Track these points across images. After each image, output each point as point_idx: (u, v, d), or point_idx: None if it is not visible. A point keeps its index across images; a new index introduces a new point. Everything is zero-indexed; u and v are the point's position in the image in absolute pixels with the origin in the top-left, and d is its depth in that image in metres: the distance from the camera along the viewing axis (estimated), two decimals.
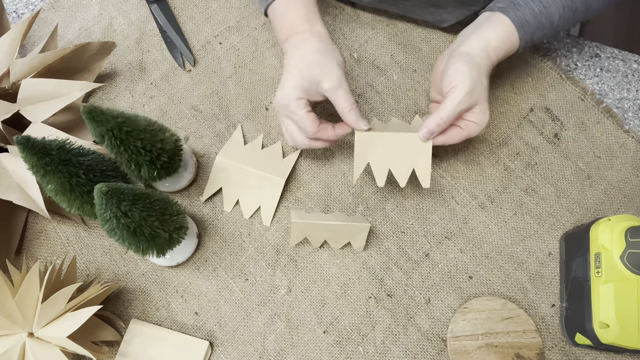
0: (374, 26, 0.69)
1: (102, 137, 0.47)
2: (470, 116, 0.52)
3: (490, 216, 0.59)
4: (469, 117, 0.52)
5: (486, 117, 0.52)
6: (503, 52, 0.53)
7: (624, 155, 0.61)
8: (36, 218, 0.60)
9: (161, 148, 0.51)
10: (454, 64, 0.51)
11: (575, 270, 0.53)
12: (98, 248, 0.59)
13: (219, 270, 0.58)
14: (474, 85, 0.50)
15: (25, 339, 0.47)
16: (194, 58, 0.68)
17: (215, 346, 0.55)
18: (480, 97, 0.51)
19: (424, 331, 0.55)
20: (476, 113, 0.51)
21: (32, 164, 0.45)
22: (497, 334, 0.53)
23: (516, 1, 0.53)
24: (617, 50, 0.67)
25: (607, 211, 0.59)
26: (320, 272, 0.58)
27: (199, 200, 0.61)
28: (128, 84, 0.66)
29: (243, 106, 0.65)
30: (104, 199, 0.42)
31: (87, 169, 0.48)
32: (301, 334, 0.55)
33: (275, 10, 0.56)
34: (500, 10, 0.54)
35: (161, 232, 0.48)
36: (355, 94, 0.65)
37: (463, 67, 0.50)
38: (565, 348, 0.54)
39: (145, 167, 0.51)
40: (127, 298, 0.57)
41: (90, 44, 0.62)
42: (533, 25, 0.53)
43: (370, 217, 0.60)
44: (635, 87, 0.65)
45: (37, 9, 0.67)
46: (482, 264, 0.58)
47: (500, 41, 0.53)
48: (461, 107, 0.50)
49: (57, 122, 0.61)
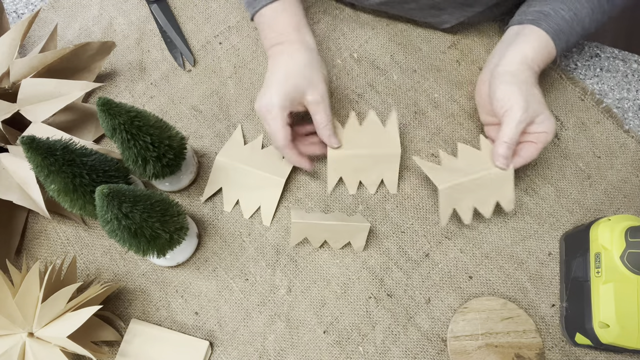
0: (374, 26, 0.69)
1: (114, 130, 0.47)
2: (537, 127, 0.51)
3: (491, 216, 0.59)
4: (535, 129, 0.51)
5: (552, 123, 0.51)
6: (542, 62, 0.53)
7: (624, 155, 0.61)
8: (36, 218, 0.60)
9: (168, 145, 0.51)
10: (499, 86, 0.51)
11: (575, 270, 0.53)
12: (98, 248, 0.59)
13: (219, 270, 0.58)
14: (527, 101, 0.50)
15: (25, 338, 0.47)
16: (194, 58, 0.68)
17: (215, 346, 0.55)
18: (538, 108, 0.51)
19: (424, 331, 0.55)
20: (541, 123, 0.51)
21: (37, 163, 0.45)
22: (497, 334, 0.53)
23: (545, 12, 0.53)
24: (617, 50, 0.67)
25: (607, 211, 0.59)
26: (320, 272, 0.58)
27: (199, 200, 0.61)
28: (128, 84, 0.66)
29: (243, 106, 0.65)
30: (105, 200, 0.42)
31: (90, 169, 0.48)
32: (301, 334, 0.55)
33: (263, 17, 0.56)
34: (531, 23, 0.53)
35: (162, 233, 0.48)
36: (355, 93, 0.65)
37: (511, 88, 0.50)
38: (565, 348, 0.54)
39: (152, 164, 0.51)
40: (127, 298, 0.57)
41: (90, 43, 0.62)
42: (567, 32, 0.53)
43: (370, 217, 0.60)
44: (635, 87, 0.65)
45: (37, 9, 0.67)
46: (482, 264, 0.58)
47: (538, 52, 0.52)
48: (522, 126, 0.50)
49: (57, 122, 0.61)
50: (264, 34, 0.57)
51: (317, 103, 0.53)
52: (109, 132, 0.48)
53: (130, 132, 0.47)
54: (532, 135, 0.52)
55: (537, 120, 0.51)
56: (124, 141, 0.48)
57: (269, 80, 0.53)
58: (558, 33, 0.52)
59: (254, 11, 0.57)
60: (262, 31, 0.57)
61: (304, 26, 0.56)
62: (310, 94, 0.52)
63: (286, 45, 0.54)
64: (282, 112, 0.52)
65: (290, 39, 0.54)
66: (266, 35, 0.57)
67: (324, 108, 0.53)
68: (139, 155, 0.50)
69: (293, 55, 0.53)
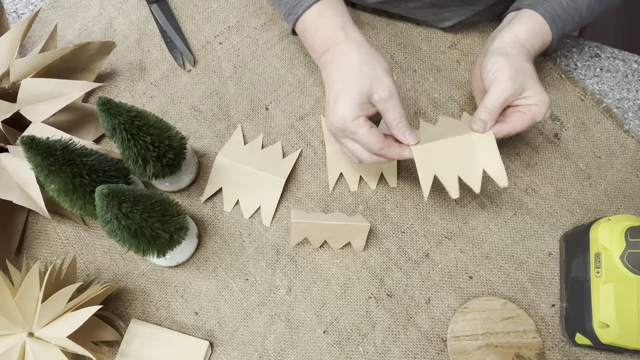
0: (374, 26, 0.69)
1: (114, 129, 0.47)
2: (527, 100, 0.50)
3: (490, 216, 0.59)
4: (525, 101, 0.50)
5: (545, 96, 0.49)
6: (537, 44, 0.53)
7: (624, 155, 0.61)
8: (36, 218, 0.60)
9: (168, 145, 0.51)
10: (489, 60, 0.51)
11: (575, 270, 0.53)
12: (98, 248, 0.59)
13: (219, 270, 0.58)
14: (515, 70, 0.49)
15: (25, 338, 0.47)
16: (194, 58, 0.68)
17: (215, 346, 0.55)
18: (527, 81, 0.49)
19: (424, 331, 0.55)
20: (531, 96, 0.49)
21: (37, 163, 0.45)
22: (497, 334, 0.53)
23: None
24: (617, 50, 0.67)
25: (607, 211, 0.59)
26: (320, 272, 0.58)
27: (199, 200, 0.61)
28: (128, 84, 0.66)
29: (243, 106, 0.65)
30: (105, 200, 0.42)
31: (90, 169, 0.48)
32: (301, 334, 0.55)
33: (305, 24, 0.54)
34: (528, 7, 0.53)
35: (162, 233, 0.48)
36: None
37: (499, 59, 0.50)
38: (565, 348, 0.54)
39: (152, 164, 0.51)
40: (127, 298, 0.57)
41: (90, 43, 0.62)
42: (563, 18, 0.53)
43: (370, 217, 0.60)
44: (635, 87, 0.65)
45: (37, 9, 0.67)
46: (482, 264, 0.58)
47: (532, 33, 0.52)
48: (506, 93, 0.48)
49: (57, 121, 0.61)
50: (310, 43, 0.54)
51: (385, 100, 0.48)
52: (109, 132, 0.48)
53: (130, 132, 0.47)
54: (522, 107, 0.50)
55: (527, 94, 0.49)
56: (124, 141, 0.48)
57: (332, 96, 0.50)
58: (554, 18, 0.52)
59: (295, 19, 0.54)
60: (307, 41, 0.55)
61: (349, 23, 0.53)
62: (376, 92, 0.48)
63: (334, 50, 0.51)
64: (358, 120, 0.48)
65: (337, 41, 0.52)
66: (312, 45, 0.54)
67: (393, 104, 0.48)
68: (139, 155, 0.50)
69: (344, 59, 0.50)
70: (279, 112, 0.65)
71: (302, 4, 0.53)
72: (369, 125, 0.49)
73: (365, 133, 0.48)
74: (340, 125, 0.49)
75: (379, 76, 0.49)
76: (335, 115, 0.49)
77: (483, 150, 0.50)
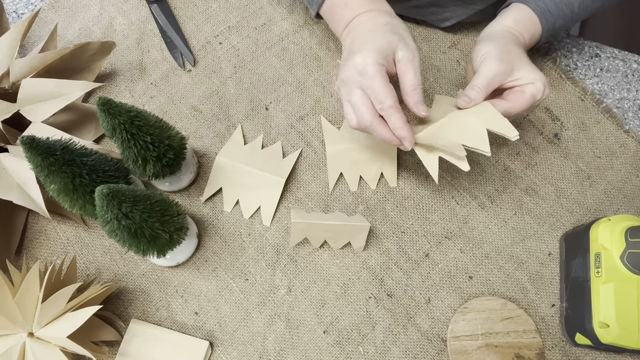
0: None
1: (114, 129, 0.47)
2: (521, 80, 0.49)
3: (490, 216, 0.59)
4: (519, 81, 0.49)
5: (538, 74, 0.49)
6: (526, 34, 0.53)
7: (624, 155, 0.61)
8: (36, 218, 0.60)
9: (168, 145, 0.51)
10: (477, 46, 0.51)
11: (575, 270, 0.53)
12: (98, 248, 0.59)
13: (219, 270, 0.58)
14: (502, 51, 0.49)
15: (25, 338, 0.47)
16: (194, 58, 0.68)
17: (215, 346, 0.55)
18: (516, 61, 0.49)
19: (424, 331, 0.55)
20: (523, 76, 0.49)
21: (37, 164, 0.45)
22: (497, 334, 0.53)
23: None
24: (617, 50, 0.67)
25: (607, 211, 0.59)
26: (320, 272, 0.58)
27: (199, 200, 0.61)
28: (128, 84, 0.66)
29: (243, 106, 0.65)
30: (105, 200, 0.42)
31: (90, 169, 0.48)
32: (301, 334, 0.55)
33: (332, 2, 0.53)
34: (519, 1, 0.54)
35: (162, 233, 0.48)
36: None
37: (487, 43, 0.50)
38: (565, 348, 0.54)
39: (152, 163, 0.51)
40: (127, 298, 0.57)
41: (90, 43, 0.62)
42: (554, 13, 0.53)
43: (370, 217, 0.60)
44: (635, 87, 0.65)
45: (37, 9, 0.67)
46: (482, 264, 0.58)
47: (520, 23, 0.53)
48: (493, 71, 0.48)
49: (57, 121, 0.61)
50: (338, 16, 0.53)
51: (408, 60, 0.47)
52: (109, 132, 0.48)
53: (130, 132, 0.47)
54: (519, 87, 0.50)
55: (517, 75, 0.49)
56: (124, 141, 0.48)
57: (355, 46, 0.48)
58: (544, 12, 0.53)
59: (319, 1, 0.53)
60: (334, 15, 0.53)
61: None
62: (401, 49, 0.47)
63: (363, 16, 0.51)
64: (381, 68, 0.46)
65: (371, 8, 0.51)
66: (339, 18, 0.52)
67: (414, 67, 0.47)
68: (139, 155, 0.50)
69: (375, 20, 0.49)
70: (279, 112, 0.65)
71: None
72: (387, 78, 0.47)
73: (383, 82, 0.46)
74: (362, 67, 0.47)
75: (406, 36, 0.48)
76: (357, 58, 0.47)
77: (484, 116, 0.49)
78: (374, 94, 0.46)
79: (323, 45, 0.68)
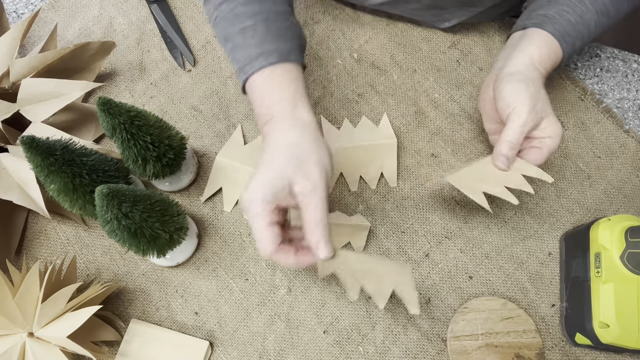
0: (374, 26, 0.69)
1: (114, 129, 0.47)
2: (542, 132, 0.48)
3: (490, 216, 0.59)
4: (540, 134, 0.48)
5: (559, 128, 0.48)
6: (549, 64, 0.51)
7: (624, 155, 0.61)
8: (36, 218, 0.60)
9: (168, 145, 0.51)
10: (506, 85, 0.48)
11: (575, 270, 0.53)
12: (98, 248, 0.59)
13: (219, 270, 0.58)
14: (535, 101, 0.47)
15: (25, 338, 0.47)
16: (194, 58, 0.68)
17: (215, 346, 0.55)
18: (545, 110, 0.48)
19: (424, 331, 0.55)
20: (546, 128, 0.48)
21: (37, 164, 0.45)
22: (497, 334, 0.53)
23: (550, 15, 0.51)
24: (617, 50, 0.67)
25: (607, 211, 0.59)
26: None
27: (199, 200, 0.61)
28: (128, 84, 0.66)
29: (243, 106, 0.65)
30: (104, 200, 0.42)
31: (90, 169, 0.48)
32: (301, 334, 0.55)
33: (254, 86, 0.47)
34: (535, 26, 0.51)
35: (162, 233, 0.48)
36: (355, 93, 0.65)
37: (519, 86, 0.47)
38: (565, 348, 0.54)
39: (152, 163, 0.51)
40: (127, 298, 0.57)
41: (90, 43, 0.62)
42: (573, 35, 0.51)
43: (370, 217, 0.60)
44: (635, 87, 0.65)
45: (37, 9, 0.67)
46: (482, 264, 0.58)
47: (544, 53, 0.50)
48: (527, 127, 0.47)
49: (57, 121, 0.61)
50: (255, 107, 0.48)
51: (304, 194, 0.41)
52: (109, 132, 0.48)
53: (130, 132, 0.48)
54: (536, 140, 0.49)
55: (541, 125, 0.48)
56: (124, 141, 0.48)
57: (258, 169, 0.43)
58: (564, 35, 0.50)
59: (245, 78, 0.48)
60: (253, 103, 0.48)
61: (301, 97, 0.46)
62: (298, 182, 0.41)
63: (275, 123, 0.45)
64: (265, 207, 0.41)
65: (281, 115, 0.45)
66: (258, 110, 0.47)
67: (315, 202, 0.41)
68: (139, 155, 0.50)
69: (282, 135, 0.44)
70: None
71: (252, 65, 0.47)
72: (270, 220, 0.42)
73: (261, 227, 0.41)
74: (246, 205, 0.42)
75: (308, 164, 0.41)
76: (246, 192, 0.42)
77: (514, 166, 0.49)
78: (254, 235, 0.42)
79: (323, 45, 0.68)
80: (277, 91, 0.46)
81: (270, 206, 0.42)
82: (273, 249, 0.42)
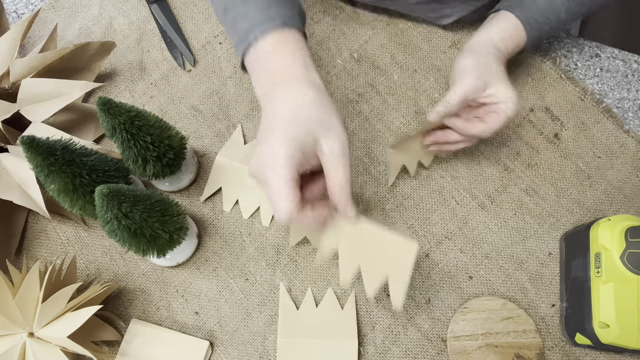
0: (374, 26, 0.69)
1: (114, 129, 0.47)
2: (494, 98, 0.51)
3: (490, 216, 0.59)
4: (493, 99, 0.51)
5: (510, 92, 0.50)
6: (511, 44, 0.54)
7: (624, 155, 0.61)
8: (36, 218, 0.60)
9: (168, 145, 0.51)
10: (458, 59, 0.53)
11: (575, 270, 0.53)
12: (98, 248, 0.59)
13: (219, 270, 0.58)
14: (481, 68, 0.50)
15: (25, 338, 0.47)
16: (194, 58, 0.68)
17: (215, 346, 0.55)
18: (492, 78, 0.51)
19: (424, 331, 0.55)
20: (498, 93, 0.50)
21: (37, 164, 0.45)
22: (497, 334, 0.53)
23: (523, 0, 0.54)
24: (617, 50, 0.67)
25: (607, 211, 0.59)
26: (320, 272, 0.58)
27: (199, 200, 0.61)
28: (128, 84, 0.66)
29: (243, 106, 0.65)
30: (104, 200, 0.42)
31: (90, 169, 0.48)
32: None
33: (260, 51, 0.43)
34: (505, 8, 0.55)
35: (162, 233, 0.48)
36: (356, 93, 0.65)
37: (465, 56, 0.52)
38: (565, 348, 0.54)
39: (152, 163, 0.51)
40: (127, 298, 0.57)
41: (90, 43, 0.62)
42: (540, 20, 0.54)
43: (370, 217, 0.59)
44: (635, 87, 0.65)
45: (37, 9, 0.67)
46: (482, 264, 0.58)
47: (506, 34, 0.54)
48: (466, 88, 0.50)
49: (57, 121, 0.61)
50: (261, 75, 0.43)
51: (337, 156, 0.38)
52: (109, 132, 0.48)
53: (130, 132, 0.48)
54: (492, 106, 0.51)
55: (490, 91, 0.50)
56: (124, 141, 0.48)
57: (267, 126, 0.39)
58: (530, 20, 0.54)
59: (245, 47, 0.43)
60: (257, 71, 0.43)
61: (311, 62, 0.43)
62: (328, 142, 0.38)
63: (288, 84, 0.41)
64: (290, 163, 0.37)
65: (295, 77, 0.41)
66: (263, 77, 0.43)
67: (344, 163, 0.39)
68: (139, 155, 0.50)
69: (300, 92, 0.40)
70: None
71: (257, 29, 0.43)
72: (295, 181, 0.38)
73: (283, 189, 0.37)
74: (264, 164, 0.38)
75: (334, 123, 0.39)
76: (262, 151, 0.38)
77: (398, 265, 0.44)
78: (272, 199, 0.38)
79: (323, 45, 0.68)
80: (288, 55, 0.42)
81: (295, 163, 0.38)
82: (295, 207, 0.38)
